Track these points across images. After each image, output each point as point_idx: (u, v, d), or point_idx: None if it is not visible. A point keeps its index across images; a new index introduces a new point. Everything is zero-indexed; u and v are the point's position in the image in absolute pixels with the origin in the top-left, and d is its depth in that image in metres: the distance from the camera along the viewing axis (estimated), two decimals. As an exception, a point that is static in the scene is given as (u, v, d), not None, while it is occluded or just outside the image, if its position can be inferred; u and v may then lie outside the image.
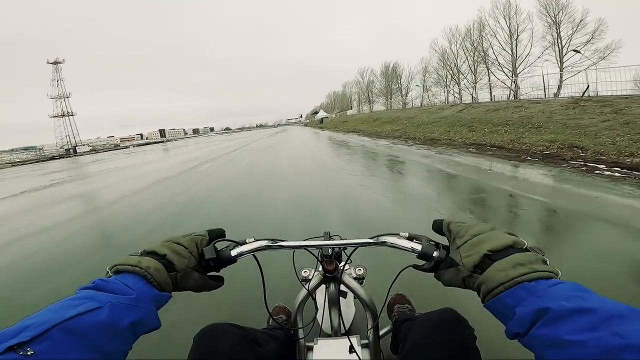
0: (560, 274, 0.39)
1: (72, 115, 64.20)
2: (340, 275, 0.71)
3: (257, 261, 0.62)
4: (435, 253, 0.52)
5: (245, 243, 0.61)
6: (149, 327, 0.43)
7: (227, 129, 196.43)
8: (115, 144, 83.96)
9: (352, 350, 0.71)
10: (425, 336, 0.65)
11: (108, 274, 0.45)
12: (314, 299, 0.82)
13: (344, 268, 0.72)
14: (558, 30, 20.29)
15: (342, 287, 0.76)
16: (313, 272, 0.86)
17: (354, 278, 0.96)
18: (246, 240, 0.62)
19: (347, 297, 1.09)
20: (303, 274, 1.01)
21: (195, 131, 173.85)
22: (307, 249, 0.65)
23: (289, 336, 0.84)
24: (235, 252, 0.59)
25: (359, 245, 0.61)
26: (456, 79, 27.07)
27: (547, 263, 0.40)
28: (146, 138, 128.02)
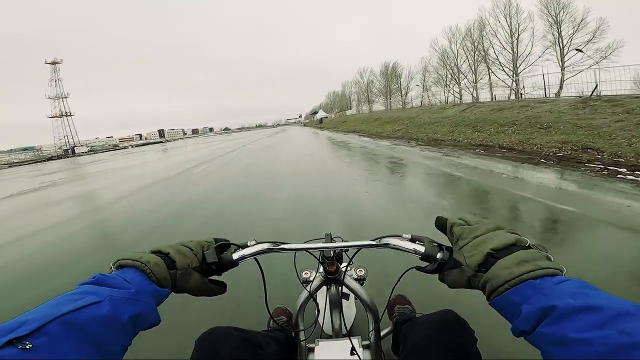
0: (565, 271, 0.38)
1: (70, 115, 63.93)
2: (342, 276, 0.71)
3: (258, 264, 0.62)
4: (439, 254, 0.50)
5: (246, 246, 0.60)
6: (149, 322, 0.42)
7: (226, 129, 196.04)
8: (114, 145, 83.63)
9: (354, 351, 0.70)
10: (426, 337, 0.65)
11: (111, 269, 0.46)
12: (315, 301, 0.82)
13: (346, 269, 0.71)
14: (559, 29, 20.26)
15: (343, 289, 0.75)
16: (314, 274, 0.85)
17: (355, 279, 0.97)
18: (247, 243, 0.60)
19: (348, 299, 1.10)
20: (304, 275, 1.00)
21: (194, 131, 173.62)
22: (309, 251, 0.63)
23: (290, 338, 0.85)
24: (237, 255, 0.58)
25: (361, 247, 0.60)
26: (456, 79, 26.92)
27: (551, 260, 0.39)
28: (145, 138, 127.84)
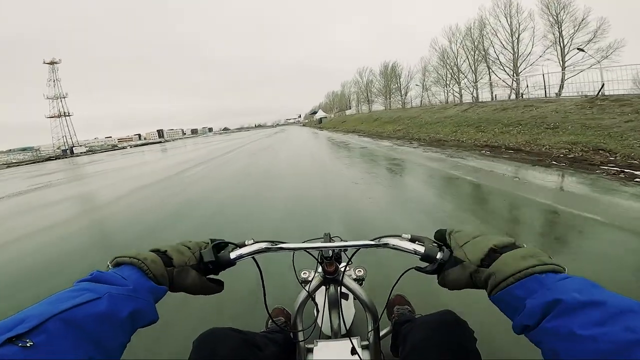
0: (566, 270, 0.38)
1: (68, 115, 63.61)
2: (341, 276, 0.70)
3: (256, 263, 0.62)
4: (439, 255, 0.50)
5: (244, 245, 0.59)
6: (147, 319, 0.42)
7: (225, 129, 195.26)
8: (113, 145, 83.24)
9: (354, 352, 0.69)
10: (426, 338, 0.65)
11: (108, 267, 0.46)
12: (314, 301, 0.80)
13: (345, 269, 0.71)
14: (560, 29, 20.15)
15: (342, 289, 0.72)
16: (313, 274, 0.83)
17: (354, 279, 0.97)
18: (245, 242, 0.60)
19: (347, 299, 1.06)
20: (303, 275, 0.98)
21: (193, 131, 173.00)
22: (308, 251, 0.63)
23: (289, 338, 0.85)
24: (234, 254, 0.57)
25: (359, 247, 0.59)
26: (456, 78, 26.75)
27: (552, 259, 0.40)
28: (144, 138, 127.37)
